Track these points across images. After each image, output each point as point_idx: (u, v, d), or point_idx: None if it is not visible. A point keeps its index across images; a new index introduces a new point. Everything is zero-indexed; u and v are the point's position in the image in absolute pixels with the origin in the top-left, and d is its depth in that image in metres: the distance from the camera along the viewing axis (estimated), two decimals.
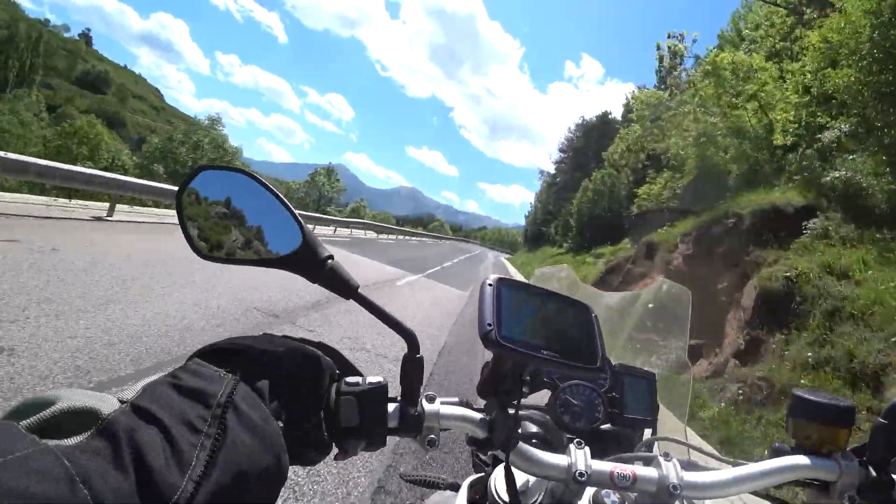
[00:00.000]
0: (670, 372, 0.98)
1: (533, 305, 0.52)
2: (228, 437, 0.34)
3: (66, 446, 0.27)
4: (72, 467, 0.26)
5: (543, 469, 0.50)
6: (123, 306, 4.09)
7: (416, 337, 0.50)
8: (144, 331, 3.68)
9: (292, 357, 0.45)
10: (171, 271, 5.74)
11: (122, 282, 4.83)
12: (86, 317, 3.64)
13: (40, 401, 0.30)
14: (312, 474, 2.41)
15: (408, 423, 0.48)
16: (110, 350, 3.18)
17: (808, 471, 0.52)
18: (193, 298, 4.88)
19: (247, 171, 0.46)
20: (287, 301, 5.80)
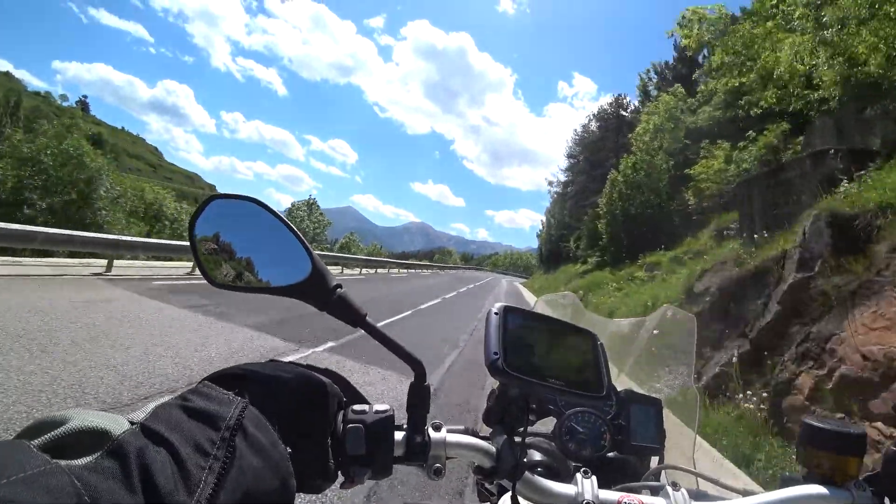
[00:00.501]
0: (677, 398, 0.97)
1: (539, 334, 0.52)
2: (236, 459, 0.34)
3: (76, 466, 0.28)
4: (81, 487, 0.26)
5: (550, 499, 0.50)
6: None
7: (423, 366, 0.50)
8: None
9: (300, 383, 0.45)
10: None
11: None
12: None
13: (52, 420, 0.31)
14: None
15: (414, 451, 0.47)
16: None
17: (821, 501, 0.52)
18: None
19: (257, 200, 0.47)
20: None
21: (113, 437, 0.31)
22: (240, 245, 0.48)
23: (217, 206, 0.47)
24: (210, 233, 0.46)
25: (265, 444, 0.37)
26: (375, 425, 0.46)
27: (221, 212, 0.47)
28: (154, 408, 0.36)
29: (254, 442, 0.36)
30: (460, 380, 5.33)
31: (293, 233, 0.47)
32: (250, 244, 0.48)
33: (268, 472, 0.36)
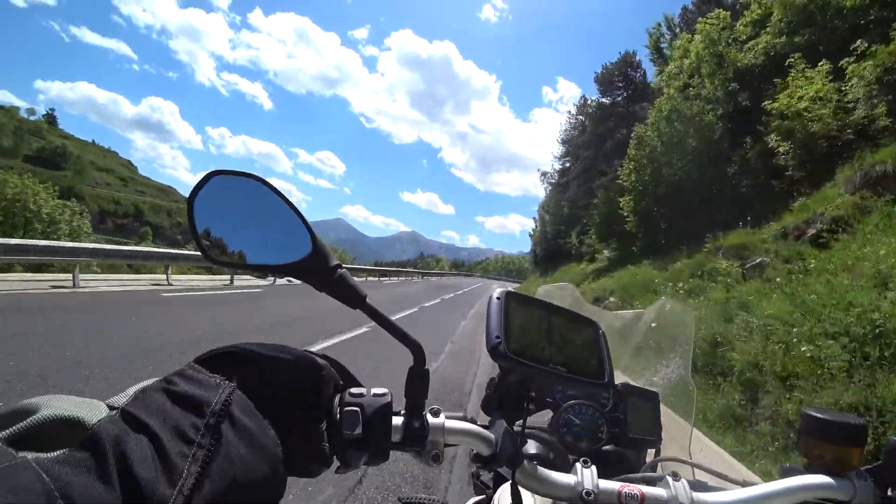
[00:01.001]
0: (674, 391, 0.97)
1: (541, 320, 0.51)
2: (222, 447, 0.32)
3: (45, 459, 0.26)
4: (51, 482, 0.24)
5: (550, 488, 0.49)
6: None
7: (423, 349, 0.49)
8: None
9: (294, 365, 0.44)
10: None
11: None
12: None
13: (20, 410, 0.28)
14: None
15: (412, 436, 0.47)
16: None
17: (823, 490, 0.51)
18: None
19: (258, 177, 0.46)
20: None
21: (88, 425, 0.28)
22: (240, 221, 0.47)
23: (217, 182, 0.45)
24: (210, 208, 0.45)
25: (253, 430, 0.36)
26: (373, 409, 0.45)
27: (222, 188, 0.45)
28: (135, 392, 0.34)
29: (241, 428, 0.35)
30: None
31: (294, 210, 0.46)
32: (250, 221, 0.47)
33: (256, 460, 0.35)
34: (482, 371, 6.05)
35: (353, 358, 5.47)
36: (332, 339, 6.59)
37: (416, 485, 2.80)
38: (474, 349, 7.48)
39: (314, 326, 7.40)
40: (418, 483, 2.81)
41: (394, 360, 5.25)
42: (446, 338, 8.54)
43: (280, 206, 0.46)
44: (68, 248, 9.54)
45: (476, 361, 6.65)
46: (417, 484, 2.81)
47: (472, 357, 6.95)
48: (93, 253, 9.85)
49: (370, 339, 6.64)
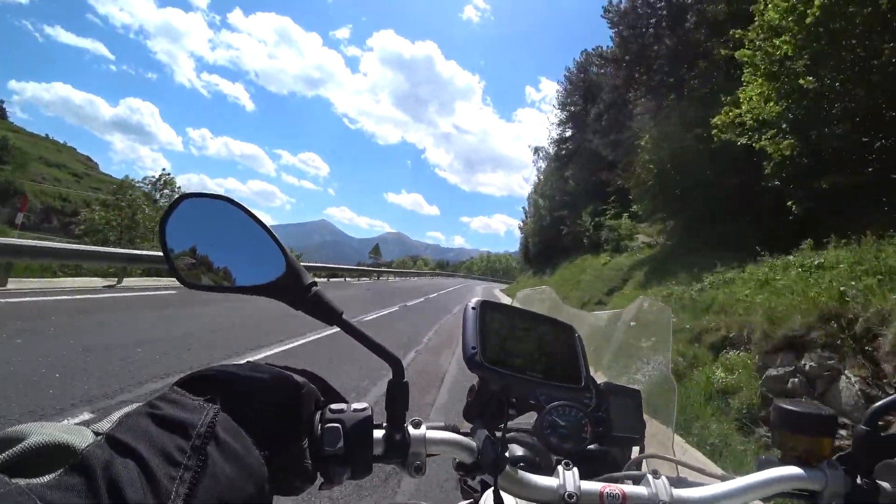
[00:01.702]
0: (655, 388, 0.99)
1: (517, 327, 0.52)
2: (209, 468, 0.33)
3: (38, 484, 0.26)
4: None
5: (532, 492, 0.50)
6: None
7: (402, 363, 0.50)
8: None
9: (275, 385, 0.44)
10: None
11: None
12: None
13: (9, 437, 0.29)
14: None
15: (394, 449, 0.47)
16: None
17: (796, 482, 0.53)
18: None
19: (230, 199, 0.46)
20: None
21: (77, 450, 0.29)
22: (213, 244, 0.47)
23: (189, 205, 0.46)
24: (181, 232, 0.45)
25: (238, 451, 0.36)
26: (354, 424, 0.45)
27: (193, 210, 0.46)
28: (120, 417, 0.34)
29: (226, 448, 0.35)
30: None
31: (267, 231, 0.46)
32: (223, 243, 0.47)
33: (242, 479, 0.35)
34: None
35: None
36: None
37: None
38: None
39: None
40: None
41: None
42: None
43: (252, 227, 0.46)
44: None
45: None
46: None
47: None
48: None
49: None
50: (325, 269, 26.57)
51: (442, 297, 22.20)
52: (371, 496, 2.65)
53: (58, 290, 8.42)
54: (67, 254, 10.13)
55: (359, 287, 22.29)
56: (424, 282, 39.56)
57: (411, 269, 68.89)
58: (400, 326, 9.94)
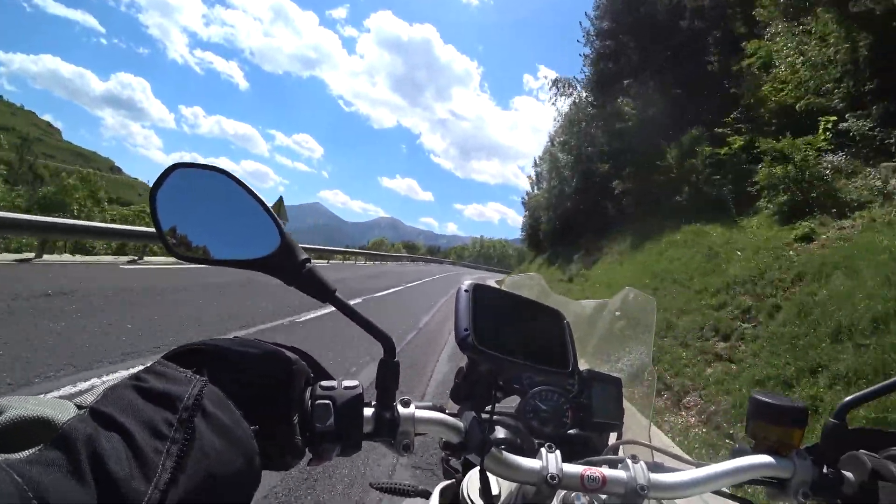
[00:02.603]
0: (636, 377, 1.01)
1: (508, 312, 0.53)
2: (196, 441, 0.32)
3: (16, 459, 0.25)
4: (23, 483, 0.24)
5: (517, 473, 0.51)
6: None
7: (393, 341, 0.50)
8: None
9: (265, 360, 0.44)
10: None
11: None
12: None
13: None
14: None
15: (383, 427, 0.47)
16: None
17: (766, 469, 0.55)
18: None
19: (223, 170, 0.45)
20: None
21: (58, 425, 0.28)
22: (205, 216, 0.46)
23: (179, 176, 0.44)
24: (172, 203, 0.44)
25: (227, 424, 0.36)
26: (344, 401, 0.46)
27: (184, 181, 0.45)
28: (104, 390, 0.33)
29: (214, 421, 0.35)
30: None
31: (261, 204, 0.46)
32: (216, 215, 0.46)
33: (231, 452, 0.35)
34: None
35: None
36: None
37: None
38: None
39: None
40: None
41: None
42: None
43: (247, 200, 0.46)
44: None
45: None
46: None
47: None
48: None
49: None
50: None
51: (428, 288, 17.31)
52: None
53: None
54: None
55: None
56: (394, 270, 27.25)
57: (389, 253, 51.58)
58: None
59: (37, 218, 9.23)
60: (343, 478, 2.71)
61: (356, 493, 2.58)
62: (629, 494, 0.51)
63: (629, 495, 0.51)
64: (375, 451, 2.96)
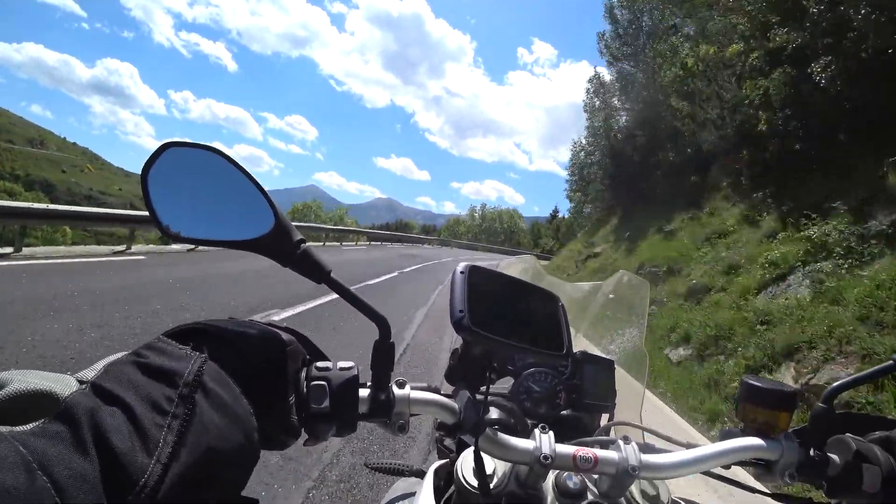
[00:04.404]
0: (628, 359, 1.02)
1: (503, 294, 0.53)
2: (196, 416, 0.33)
3: (20, 432, 0.26)
4: (28, 454, 0.24)
5: (510, 453, 0.52)
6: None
7: (388, 323, 0.50)
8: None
9: (261, 340, 0.44)
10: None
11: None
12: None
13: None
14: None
15: (378, 408, 0.48)
16: None
17: (754, 451, 0.56)
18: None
19: (216, 149, 0.44)
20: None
21: (61, 398, 0.29)
22: (197, 196, 0.45)
23: (172, 155, 0.43)
24: (164, 182, 0.43)
25: (227, 400, 0.36)
26: (340, 382, 0.46)
27: (177, 160, 0.43)
28: (105, 365, 0.34)
29: (215, 398, 0.35)
30: None
31: (255, 185, 0.45)
32: (209, 195, 0.45)
33: (231, 428, 0.35)
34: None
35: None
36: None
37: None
38: None
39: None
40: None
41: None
42: None
43: (240, 179, 0.45)
44: None
45: None
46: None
47: None
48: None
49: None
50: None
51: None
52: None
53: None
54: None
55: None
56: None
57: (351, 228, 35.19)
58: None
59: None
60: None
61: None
62: (620, 474, 0.52)
63: (620, 475, 0.52)
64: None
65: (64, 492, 0.24)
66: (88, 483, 0.25)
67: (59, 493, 0.24)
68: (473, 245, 50.48)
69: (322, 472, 2.59)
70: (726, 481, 0.62)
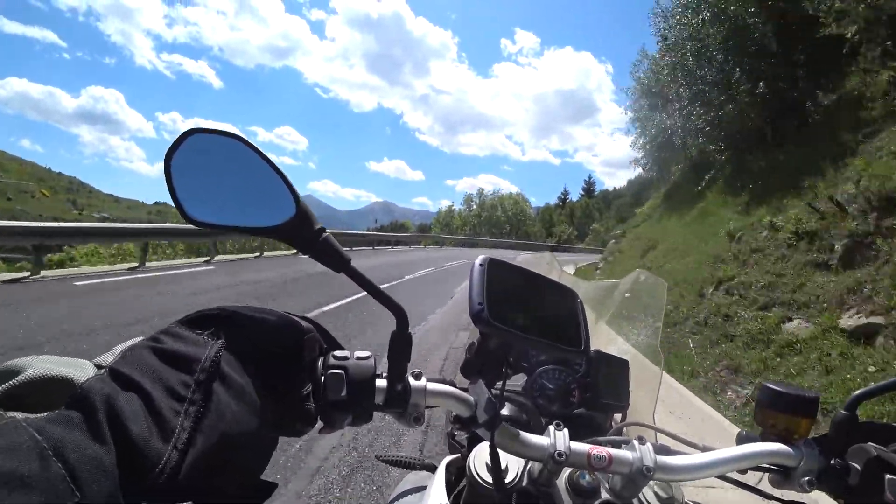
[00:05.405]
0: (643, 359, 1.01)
1: (522, 287, 0.52)
2: (213, 403, 0.33)
3: (35, 418, 0.26)
4: (43, 441, 0.24)
5: (525, 449, 0.51)
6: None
7: (406, 314, 0.50)
8: None
9: (279, 327, 0.44)
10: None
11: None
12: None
13: (5, 371, 0.28)
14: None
15: (394, 398, 0.48)
16: None
17: (773, 457, 0.55)
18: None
19: (238, 136, 0.44)
20: None
21: (77, 384, 0.29)
22: (219, 182, 0.45)
23: (195, 141, 0.43)
24: (187, 167, 0.43)
25: (243, 386, 0.36)
26: (356, 371, 0.46)
27: (200, 147, 0.43)
28: (122, 350, 0.34)
29: (231, 384, 0.35)
30: None
31: (277, 171, 0.45)
32: (231, 181, 0.45)
33: (248, 415, 0.35)
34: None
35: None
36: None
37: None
38: None
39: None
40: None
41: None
42: None
43: (262, 166, 0.45)
44: None
45: None
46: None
47: None
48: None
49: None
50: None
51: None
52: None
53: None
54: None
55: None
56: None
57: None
58: None
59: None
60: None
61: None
62: (635, 475, 0.51)
63: (634, 476, 0.51)
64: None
65: (79, 478, 0.24)
66: (104, 469, 0.25)
67: (74, 479, 0.24)
68: (473, 240, 40.82)
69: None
70: (743, 486, 0.61)
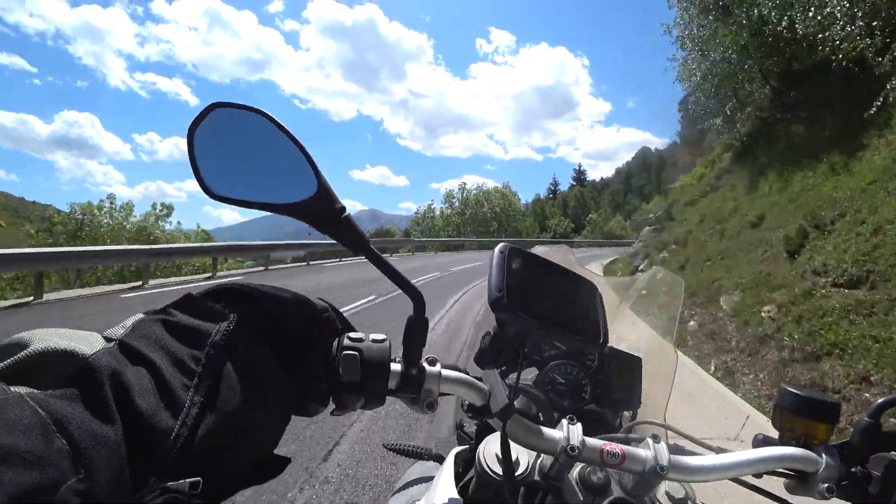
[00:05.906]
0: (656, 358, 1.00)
1: (542, 278, 0.51)
2: (224, 378, 0.32)
3: (39, 393, 0.25)
4: (47, 416, 0.23)
5: (538, 441, 0.51)
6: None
7: (423, 298, 0.49)
8: None
9: (294, 305, 0.43)
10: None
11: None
12: None
13: (11, 344, 0.27)
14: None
15: (408, 383, 0.47)
16: None
17: (791, 461, 0.54)
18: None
19: (262, 112, 0.44)
20: None
21: (84, 357, 0.28)
22: (242, 157, 0.45)
23: (218, 115, 0.43)
24: (209, 141, 0.43)
25: (255, 363, 0.35)
26: (371, 354, 0.45)
27: (223, 121, 0.43)
28: (133, 323, 0.33)
29: (242, 360, 0.34)
30: None
31: (300, 149, 0.44)
32: (253, 157, 0.45)
33: (259, 393, 0.34)
34: None
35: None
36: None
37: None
38: None
39: None
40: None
41: None
42: None
43: (285, 143, 0.44)
44: None
45: None
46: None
47: None
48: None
49: None
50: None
51: None
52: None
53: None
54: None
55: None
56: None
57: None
58: None
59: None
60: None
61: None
62: (648, 473, 0.50)
63: (648, 474, 0.50)
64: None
65: (83, 455, 0.23)
66: (110, 446, 0.24)
67: (77, 455, 0.23)
68: (458, 242, 35.46)
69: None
70: (758, 490, 0.60)
